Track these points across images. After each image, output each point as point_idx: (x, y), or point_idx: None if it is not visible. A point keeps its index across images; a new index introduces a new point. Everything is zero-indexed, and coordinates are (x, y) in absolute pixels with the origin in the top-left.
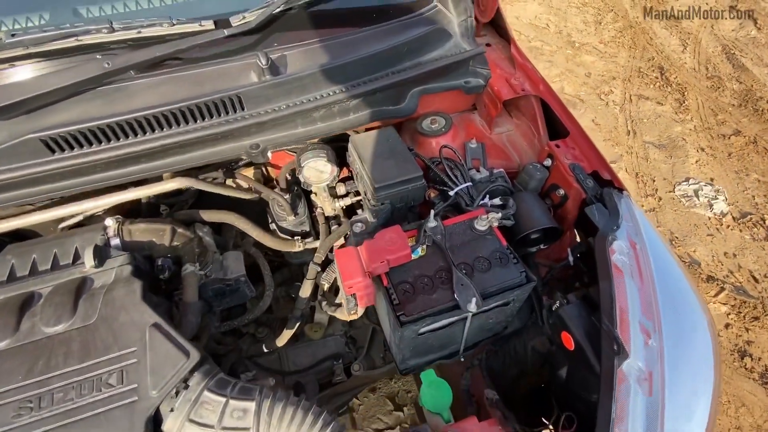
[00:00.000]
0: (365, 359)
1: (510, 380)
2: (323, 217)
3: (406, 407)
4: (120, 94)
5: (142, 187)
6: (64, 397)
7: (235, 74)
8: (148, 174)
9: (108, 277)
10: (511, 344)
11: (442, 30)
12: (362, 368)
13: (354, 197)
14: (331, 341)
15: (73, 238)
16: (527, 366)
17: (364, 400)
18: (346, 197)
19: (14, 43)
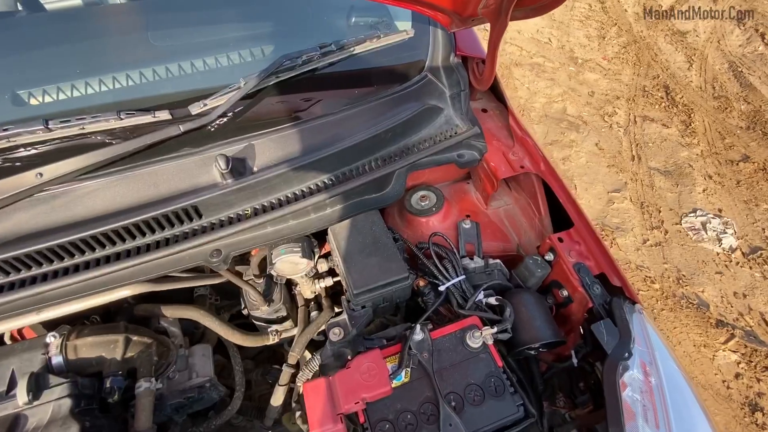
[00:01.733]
0: None
1: None
2: (302, 298)
3: None
4: (61, 200)
5: (92, 298)
6: None
7: (194, 170)
8: (97, 291)
9: (44, 414)
10: None
11: (432, 108)
12: None
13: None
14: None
15: (11, 359)
16: None
17: None
18: (328, 276)
19: None
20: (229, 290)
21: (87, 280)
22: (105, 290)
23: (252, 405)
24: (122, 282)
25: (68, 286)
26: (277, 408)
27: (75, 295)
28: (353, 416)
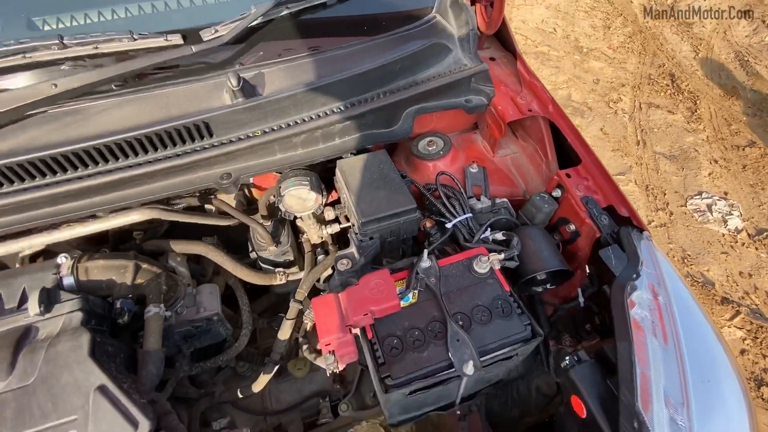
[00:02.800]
0: (354, 398)
1: (511, 422)
2: (309, 244)
3: None
4: (74, 118)
5: (102, 220)
6: None
7: (205, 95)
8: (107, 207)
9: (54, 327)
10: (514, 386)
11: (440, 44)
12: (350, 408)
13: (345, 222)
14: (317, 376)
15: (22, 277)
16: (530, 407)
17: None
18: (334, 223)
19: None
20: (235, 241)
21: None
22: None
23: (257, 353)
24: (134, 200)
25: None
26: (283, 342)
27: (86, 211)
28: (361, 332)
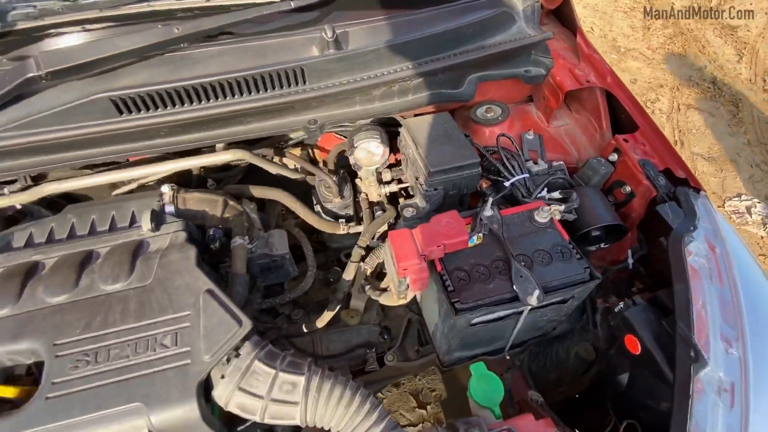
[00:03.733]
0: (399, 351)
1: (547, 385)
2: (367, 202)
3: (429, 405)
4: (184, 62)
5: (198, 157)
6: (120, 353)
7: (296, 48)
8: (207, 142)
9: (163, 242)
10: (554, 348)
11: (507, 13)
12: (396, 359)
13: (398, 185)
14: (364, 329)
15: (130, 202)
16: (567, 372)
17: (387, 395)
18: (390, 183)
19: (89, 5)
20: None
21: (200, 126)
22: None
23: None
24: (229, 137)
25: (184, 133)
26: (348, 282)
27: (190, 145)
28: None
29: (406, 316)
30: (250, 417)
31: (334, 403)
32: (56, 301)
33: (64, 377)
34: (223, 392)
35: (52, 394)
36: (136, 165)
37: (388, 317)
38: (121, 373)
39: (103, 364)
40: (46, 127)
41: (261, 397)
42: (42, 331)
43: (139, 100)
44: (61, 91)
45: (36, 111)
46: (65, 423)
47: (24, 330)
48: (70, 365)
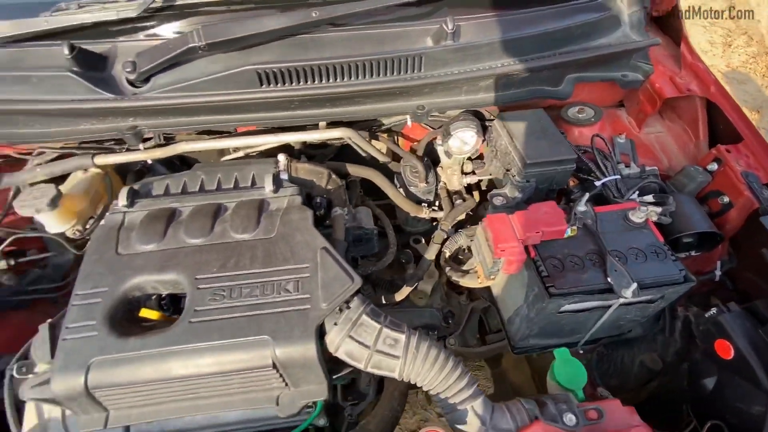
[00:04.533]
0: (459, 337)
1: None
2: (445, 190)
3: None
4: (314, 44)
5: (308, 132)
6: (251, 292)
7: (412, 37)
8: (323, 118)
9: (281, 203)
10: (619, 353)
11: (614, 18)
12: (457, 344)
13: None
14: (428, 312)
15: (250, 166)
16: (629, 380)
17: None
18: (470, 174)
19: None
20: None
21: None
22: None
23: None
24: (342, 116)
25: (311, 108)
26: (429, 261)
27: (312, 119)
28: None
29: (469, 305)
30: (355, 364)
31: (430, 363)
32: (195, 243)
33: (204, 307)
34: (335, 338)
35: (195, 319)
36: (251, 134)
37: (451, 304)
38: (251, 309)
39: (236, 299)
40: (199, 91)
41: (368, 347)
42: (185, 266)
43: (279, 74)
44: (209, 61)
45: (189, 77)
46: (205, 345)
47: (169, 264)
48: (209, 297)
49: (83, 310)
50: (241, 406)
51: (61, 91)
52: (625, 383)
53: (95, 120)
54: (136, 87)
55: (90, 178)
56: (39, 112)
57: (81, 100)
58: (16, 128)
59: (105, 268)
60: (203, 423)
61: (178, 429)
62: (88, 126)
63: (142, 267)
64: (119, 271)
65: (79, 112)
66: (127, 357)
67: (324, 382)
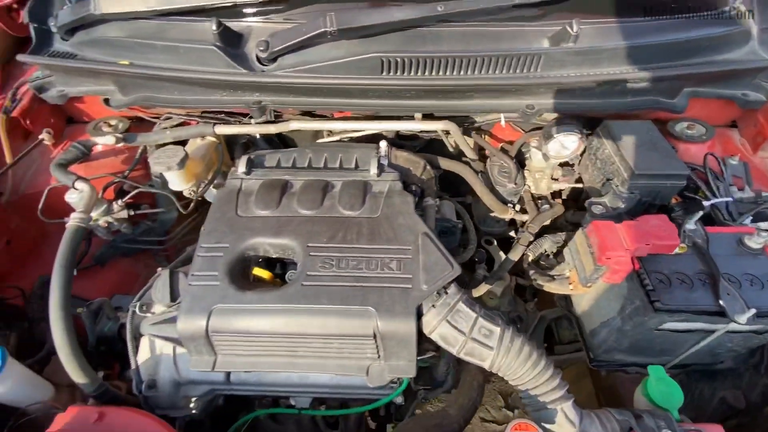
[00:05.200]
0: None
1: None
2: (530, 194)
3: (517, 410)
4: (432, 37)
5: (412, 121)
6: (357, 265)
7: (528, 37)
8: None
9: (383, 186)
10: (699, 386)
11: (743, 33)
12: None
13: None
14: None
15: (353, 150)
16: (705, 414)
17: None
18: (564, 182)
19: None
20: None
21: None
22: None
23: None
24: (458, 110)
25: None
26: (512, 262)
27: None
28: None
29: (537, 313)
30: (447, 347)
31: (523, 359)
32: (306, 214)
33: (315, 272)
34: (432, 320)
35: (307, 282)
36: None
37: (517, 309)
38: (357, 280)
39: (344, 270)
40: (322, 74)
41: (463, 334)
42: (297, 234)
43: (400, 63)
44: (332, 46)
45: (313, 60)
46: (314, 307)
47: (283, 230)
48: (320, 264)
49: (207, 262)
50: (333, 371)
51: (203, 63)
52: (700, 417)
53: (226, 92)
54: (263, 65)
55: (207, 145)
56: (183, 80)
57: (221, 72)
58: (159, 93)
59: (226, 226)
60: (295, 381)
61: (273, 382)
62: (219, 97)
63: (259, 229)
64: (239, 230)
65: (215, 83)
66: (245, 308)
67: (414, 360)
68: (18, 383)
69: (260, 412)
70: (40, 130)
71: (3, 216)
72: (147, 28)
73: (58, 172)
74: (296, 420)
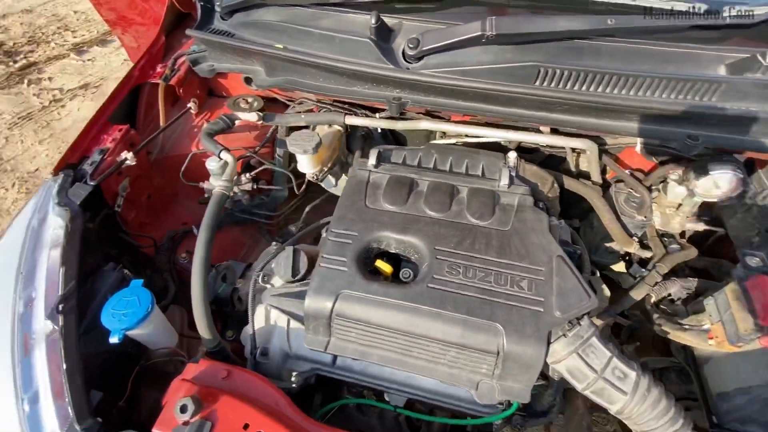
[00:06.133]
0: None
1: None
2: (653, 229)
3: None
4: (591, 50)
5: (550, 135)
6: (485, 277)
7: (703, 62)
8: (581, 127)
9: (512, 199)
10: None
11: None
12: None
13: (706, 226)
14: None
15: (480, 156)
16: None
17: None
18: (700, 223)
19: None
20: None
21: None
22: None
23: None
24: (593, 128)
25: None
26: (632, 300)
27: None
28: None
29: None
30: (573, 382)
31: (658, 412)
32: (433, 215)
33: (441, 276)
34: (561, 350)
35: (433, 285)
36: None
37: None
38: (484, 293)
39: (470, 279)
40: (470, 77)
41: (594, 371)
42: (424, 234)
43: (558, 74)
44: (483, 50)
45: (462, 62)
46: (440, 312)
47: (410, 228)
48: (446, 269)
49: (337, 247)
50: (442, 378)
51: (355, 55)
52: None
53: (369, 85)
54: (408, 62)
55: (333, 133)
56: (333, 69)
57: (371, 65)
58: (303, 78)
59: (355, 215)
60: (399, 379)
61: (377, 375)
62: (360, 89)
63: (387, 224)
64: (367, 221)
65: (361, 75)
66: (370, 298)
67: (530, 387)
68: (157, 328)
69: (358, 401)
70: (188, 99)
71: (149, 173)
72: (303, 15)
73: (207, 140)
74: (379, 414)
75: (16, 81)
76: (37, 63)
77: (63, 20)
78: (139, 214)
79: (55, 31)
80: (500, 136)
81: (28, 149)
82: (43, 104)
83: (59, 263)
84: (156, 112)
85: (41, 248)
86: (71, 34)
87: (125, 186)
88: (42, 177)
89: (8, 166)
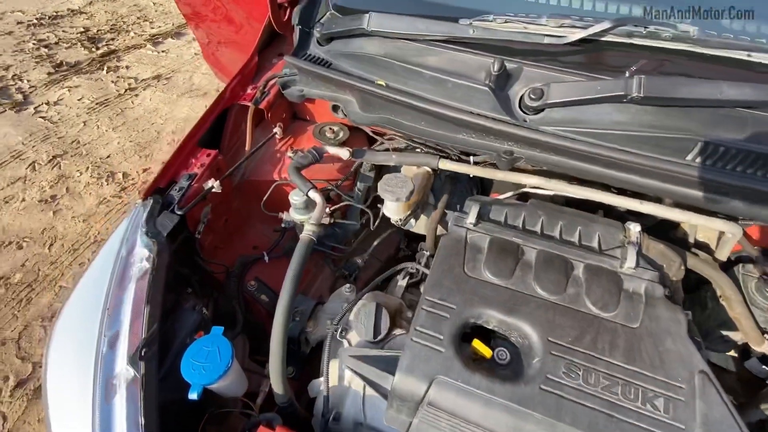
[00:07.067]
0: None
1: None
2: None
3: None
4: (755, 121)
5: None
6: (610, 387)
7: None
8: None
9: (638, 286)
10: None
11: None
12: None
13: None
14: None
15: (595, 224)
16: None
17: None
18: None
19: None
20: None
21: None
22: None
23: None
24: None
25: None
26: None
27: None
28: None
29: None
30: None
31: None
32: (545, 297)
33: (556, 378)
34: None
35: (546, 387)
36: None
37: None
38: (610, 407)
39: (592, 387)
40: (600, 140)
41: None
42: (536, 320)
43: (720, 152)
44: (617, 110)
45: (591, 121)
46: (554, 423)
47: (519, 309)
48: (563, 369)
49: (432, 320)
50: None
51: (467, 101)
52: None
53: (476, 135)
54: (525, 113)
55: (422, 175)
56: (441, 116)
57: (483, 116)
58: (402, 119)
59: (453, 284)
60: None
61: None
62: (465, 137)
63: (490, 300)
64: (467, 293)
65: (471, 125)
66: (470, 391)
67: None
68: (233, 381)
69: None
70: (275, 123)
71: (230, 197)
72: (408, 49)
73: (296, 176)
74: None
75: (97, 67)
76: (116, 51)
77: (143, 11)
78: (215, 239)
79: (135, 21)
80: (628, 205)
81: (102, 135)
82: (119, 92)
83: (144, 301)
84: (241, 134)
85: (127, 282)
86: (149, 24)
87: (207, 212)
88: (112, 164)
89: (84, 150)
